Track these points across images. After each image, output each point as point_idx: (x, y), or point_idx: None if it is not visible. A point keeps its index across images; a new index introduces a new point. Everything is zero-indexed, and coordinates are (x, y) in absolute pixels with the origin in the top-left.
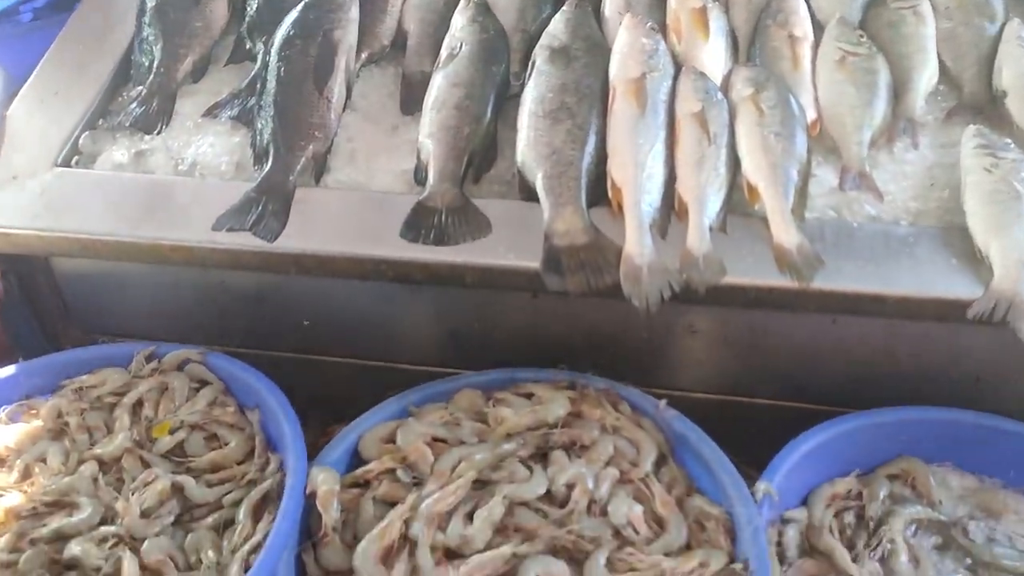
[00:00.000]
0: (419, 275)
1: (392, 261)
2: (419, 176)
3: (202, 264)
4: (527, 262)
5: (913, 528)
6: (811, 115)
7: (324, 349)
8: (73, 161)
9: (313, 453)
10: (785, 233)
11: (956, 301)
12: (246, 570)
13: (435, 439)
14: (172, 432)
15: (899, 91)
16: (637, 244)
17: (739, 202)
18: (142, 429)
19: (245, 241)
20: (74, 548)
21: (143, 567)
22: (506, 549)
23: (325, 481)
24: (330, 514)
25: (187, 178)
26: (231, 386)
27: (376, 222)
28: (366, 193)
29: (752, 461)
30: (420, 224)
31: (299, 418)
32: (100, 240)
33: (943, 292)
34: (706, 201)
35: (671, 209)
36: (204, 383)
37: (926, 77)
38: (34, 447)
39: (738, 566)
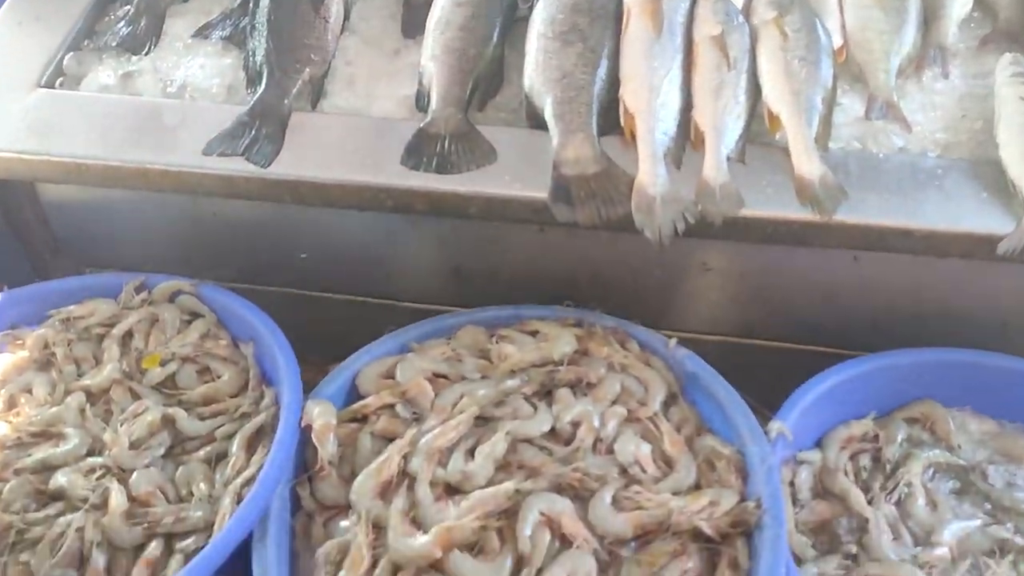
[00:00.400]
0: (420, 205)
1: (392, 189)
2: (421, 102)
3: (192, 191)
4: (534, 192)
5: (931, 472)
6: (837, 41)
7: (322, 285)
8: (57, 83)
9: (310, 392)
10: (807, 163)
11: (986, 236)
12: (239, 502)
13: (436, 375)
14: (163, 364)
15: (930, 17)
16: (650, 174)
17: (759, 132)
18: (132, 361)
19: (237, 167)
20: (60, 479)
21: (132, 499)
22: (509, 485)
23: (321, 414)
24: (326, 448)
25: (176, 101)
26: (224, 318)
27: (376, 149)
28: (365, 119)
29: (766, 406)
30: (422, 151)
31: (296, 357)
32: (85, 164)
33: (972, 227)
34: (724, 130)
35: (686, 138)
36: (196, 315)
37: (959, 3)
38: (20, 377)
39: (750, 504)
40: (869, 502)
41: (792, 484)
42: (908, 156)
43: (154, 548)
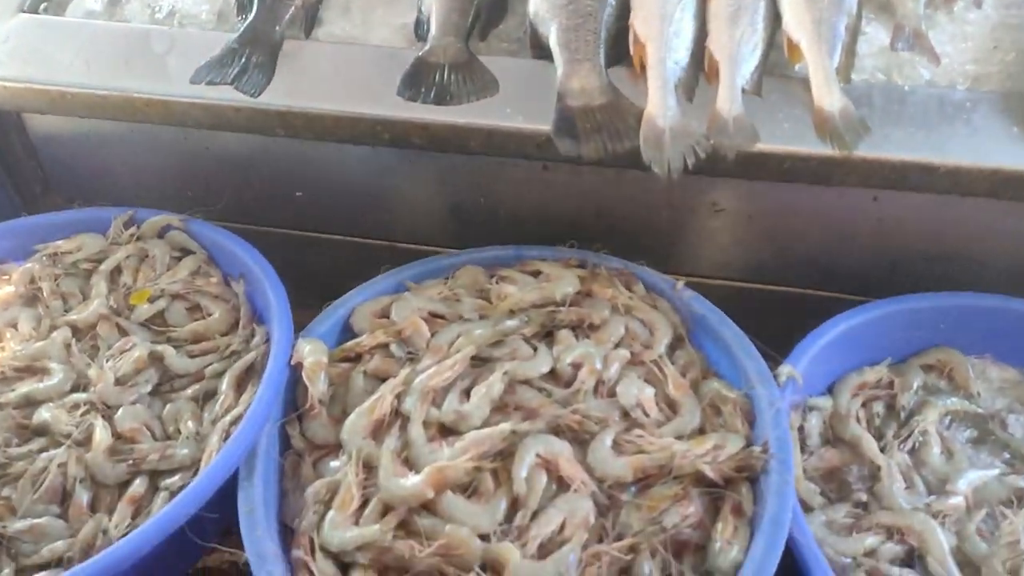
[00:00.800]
0: (418, 138)
1: (388, 121)
2: (420, 30)
3: (180, 122)
4: (538, 125)
5: (947, 421)
6: None
7: (318, 225)
8: (41, 8)
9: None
10: (828, 96)
11: (1016, 172)
12: (226, 440)
13: (432, 315)
14: (152, 301)
15: None
16: (660, 105)
17: (777, 62)
18: (120, 297)
19: (226, 96)
20: (43, 414)
21: (116, 435)
22: (505, 426)
23: (312, 352)
24: (317, 386)
25: (164, 27)
26: (215, 255)
27: (372, 79)
28: (361, 48)
29: (778, 353)
30: (420, 81)
31: (289, 299)
32: (69, 93)
33: (1001, 163)
34: (740, 60)
35: (699, 69)
36: (186, 252)
37: None
38: (4, 312)
39: (756, 449)
40: (882, 450)
41: (801, 430)
42: (935, 89)
43: (139, 485)
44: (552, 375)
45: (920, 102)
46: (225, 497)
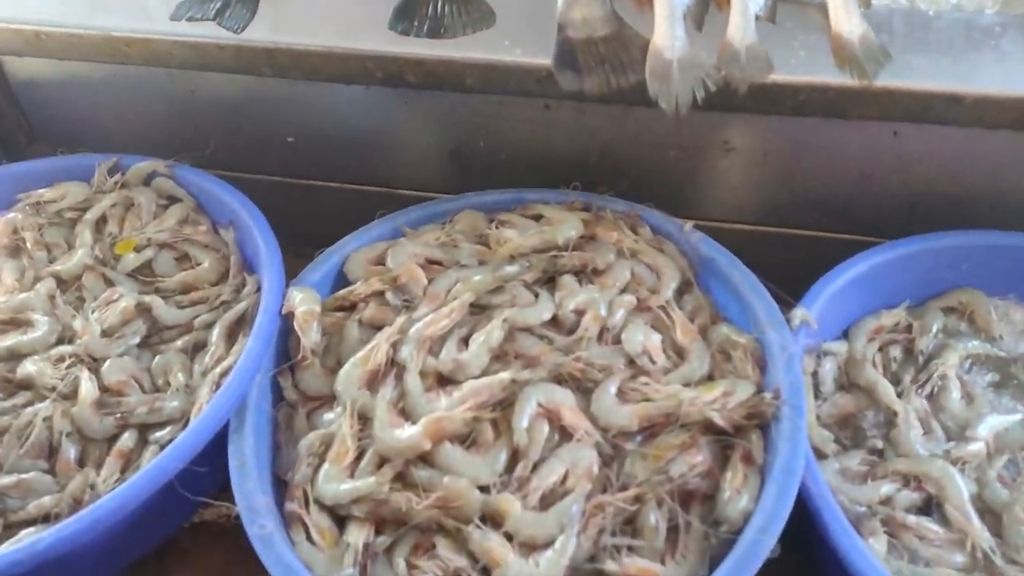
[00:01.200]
0: (412, 75)
1: (380, 57)
2: None
3: (163, 63)
4: (538, 59)
5: (968, 364)
6: None
7: (310, 171)
8: None
9: None
10: (846, 22)
11: None
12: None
13: (430, 261)
14: (138, 250)
15: None
16: (667, 35)
17: None
18: (105, 247)
19: (209, 33)
20: (28, 367)
21: (103, 388)
22: (505, 375)
23: (304, 301)
24: (309, 336)
25: None
26: (203, 202)
27: (363, 13)
28: None
29: (791, 298)
30: (412, 13)
31: (281, 249)
32: (44, 32)
33: None
34: None
35: None
36: (173, 199)
37: None
38: None
39: (768, 395)
40: (899, 395)
41: (815, 375)
42: (961, 13)
43: (127, 439)
44: (554, 322)
45: (945, 28)
46: (219, 451)
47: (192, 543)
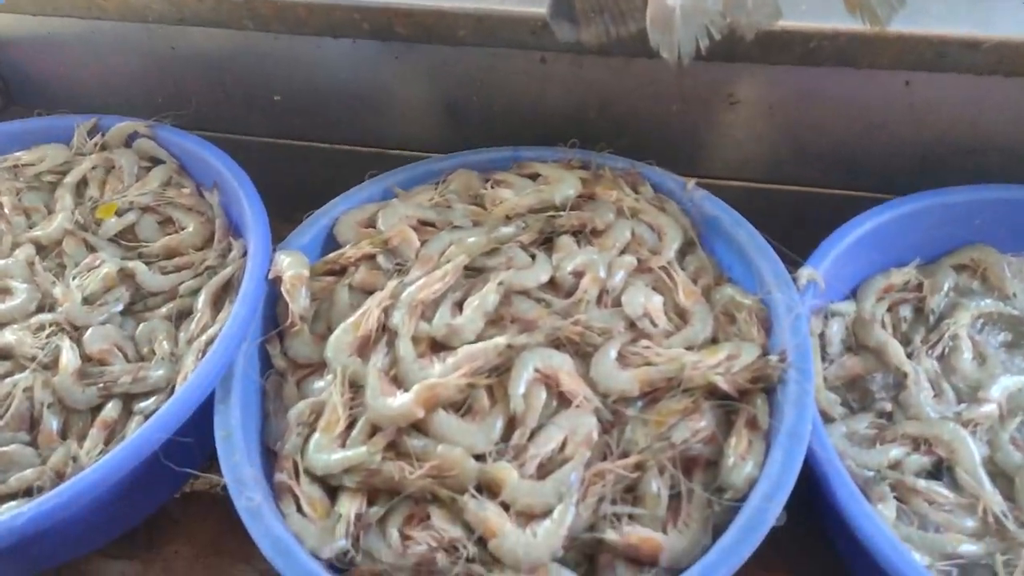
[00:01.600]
0: (402, 27)
1: (367, 8)
2: None
3: (141, 17)
4: (532, 7)
5: (980, 324)
6: None
7: (298, 131)
8: None
9: None
10: None
11: None
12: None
13: (422, 222)
14: (120, 214)
15: None
16: None
17: None
18: (86, 211)
19: None
20: (7, 336)
21: (86, 357)
22: (500, 340)
23: (292, 265)
24: (297, 301)
25: None
26: (186, 164)
27: None
28: None
29: (798, 256)
30: None
31: (269, 213)
32: None
33: None
34: None
35: None
36: (156, 161)
37: None
38: None
39: (773, 358)
40: (908, 356)
41: (822, 337)
42: None
43: (111, 409)
44: (552, 284)
45: None
46: (206, 421)
47: (183, 513)
